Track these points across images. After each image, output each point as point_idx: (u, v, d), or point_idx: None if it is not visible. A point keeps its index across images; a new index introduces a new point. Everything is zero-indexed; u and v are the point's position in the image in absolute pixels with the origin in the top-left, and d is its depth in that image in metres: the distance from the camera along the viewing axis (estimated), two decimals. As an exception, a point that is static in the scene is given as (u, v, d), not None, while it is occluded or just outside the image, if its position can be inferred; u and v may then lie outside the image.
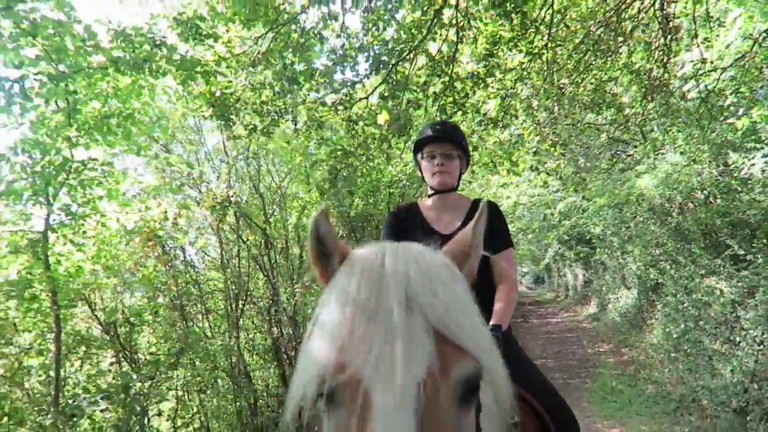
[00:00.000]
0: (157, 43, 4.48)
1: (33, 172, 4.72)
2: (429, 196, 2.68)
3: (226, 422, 6.29)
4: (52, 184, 4.93)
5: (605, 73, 8.24)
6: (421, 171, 2.71)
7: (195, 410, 6.20)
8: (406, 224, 2.56)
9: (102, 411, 4.92)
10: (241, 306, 6.70)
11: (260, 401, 6.78)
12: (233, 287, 6.81)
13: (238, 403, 6.10)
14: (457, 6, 5.05)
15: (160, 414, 5.94)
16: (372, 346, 0.95)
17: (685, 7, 7.36)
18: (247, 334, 6.76)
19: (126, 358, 5.94)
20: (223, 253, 6.93)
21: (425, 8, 5.15)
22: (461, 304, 1.08)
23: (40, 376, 5.16)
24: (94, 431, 4.89)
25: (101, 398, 4.90)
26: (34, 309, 5.04)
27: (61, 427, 4.41)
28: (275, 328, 7.04)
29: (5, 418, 4.42)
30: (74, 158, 5.03)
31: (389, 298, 1.01)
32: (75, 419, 4.60)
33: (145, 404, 5.30)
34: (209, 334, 6.49)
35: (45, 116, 4.70)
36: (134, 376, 5.20)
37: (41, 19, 3.90)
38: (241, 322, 6.79)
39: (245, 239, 6.89)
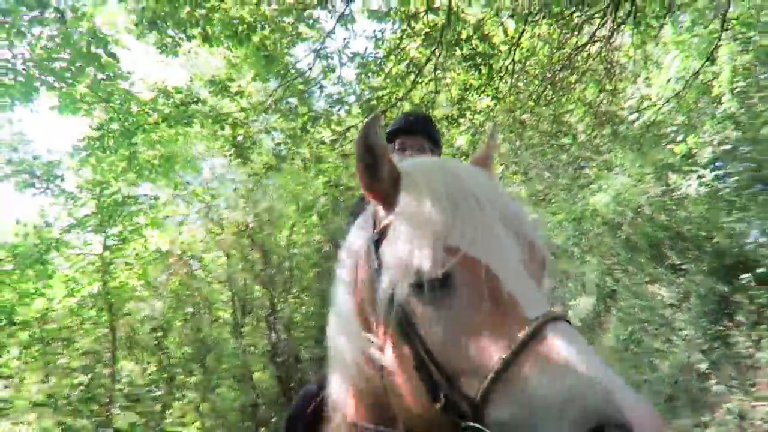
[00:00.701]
0: (195, 100, 5.33)
1: (100, 207, 5.57)
2: None
3: (231, 417, 6.98)
4: (114, 216, 5.79)
5: (562, 106, 9.34)
6: None
7: (205, 407, 6.92)
8: None
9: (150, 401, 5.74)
10: (245, 314, 7.45)
11: (259, 399, 7.54)
12: (237, 298, 7.57)
13: (241, 401, 6.82)
14: (435, 61, 6.03)
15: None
16: (482, 231, 1.05)
17: (627, 53, 8.54)
18: (251, 339, 7.52)
19: (163, 359, 6.67)
20: (229, 268, 7.67)
21: (408, 67, 6.16)
22: (525, 211, 1.21)
23: (102, 369, 6.09)
24: (142, 416, 5.69)
25: (149, 389, 5.73)
26: (93, 318, 5.91)
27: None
28: (273, 334, 7.78)
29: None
30: (131, 195, 5.94)
31: (476, 194, 1.11)
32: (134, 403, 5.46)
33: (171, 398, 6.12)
34: (217, 340, 7.25)
35: (112, 161, 5.59)
36: (171, 371, 6.06)
37: (114, 89, 4.76)
38: (243, 329, 7.54)
39: (250, 257, 7.64)
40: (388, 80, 6.32)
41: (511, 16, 6.47)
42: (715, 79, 9.09)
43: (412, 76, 6.12)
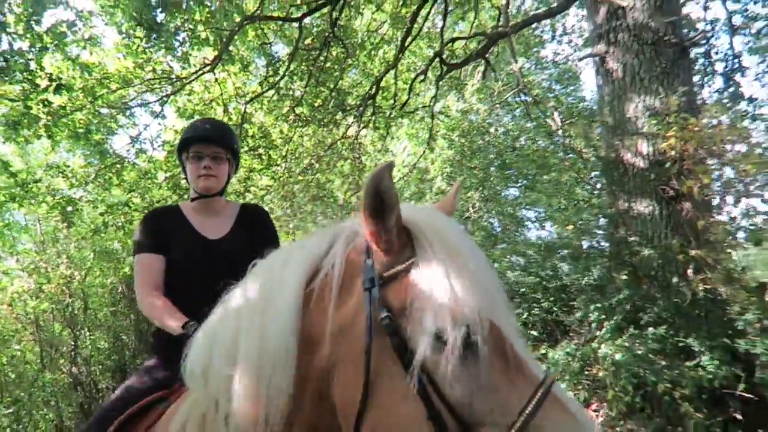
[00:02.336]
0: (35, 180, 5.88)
1: None
2: (193, 200, 2.41)
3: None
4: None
5: (326, 177, 11.70)
6: (185, 172, 2.46)
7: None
8: (168, 227, 2.32)
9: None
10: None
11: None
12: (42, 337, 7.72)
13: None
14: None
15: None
16: (500, 306, 1.15)
17: (372, 143, 11.36)
18: (53, 373, 7.67)
19: None
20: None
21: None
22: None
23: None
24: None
25: None
26: None
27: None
28: (74, 368, 8.03)
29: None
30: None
31: (480, 258, 1.21)
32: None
33: None
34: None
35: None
36: None
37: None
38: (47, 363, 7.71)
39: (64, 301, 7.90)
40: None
41: (285, 121, 8.50)
42: (432, 164, 12.51)
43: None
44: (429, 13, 8.66)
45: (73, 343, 7.72)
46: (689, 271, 4.81)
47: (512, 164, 12.15)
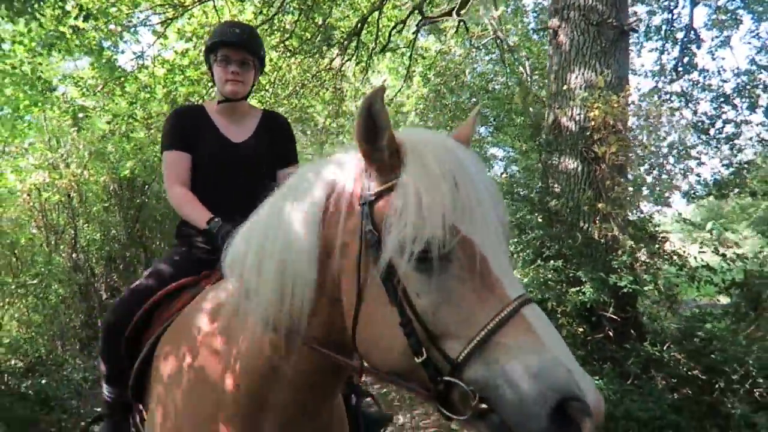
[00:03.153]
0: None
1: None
2: (219, 102, 2.48)
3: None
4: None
5: (308, 102, 12.49)
6: (212, 73, 2.54)
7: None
8: (194, 126, 2.41)
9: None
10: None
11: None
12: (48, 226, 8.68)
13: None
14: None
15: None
16: (479, 216, 1.16)
17: (354, 74, 12.09)
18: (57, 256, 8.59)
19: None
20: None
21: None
22: (494, 184, 1.32)
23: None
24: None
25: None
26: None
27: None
28: (74, 254, 9.02)
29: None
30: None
31: (472, 176, 1.21)
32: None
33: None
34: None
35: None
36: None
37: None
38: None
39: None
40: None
41: (275, 50, 9.18)
42: (408, 99, 13.34)
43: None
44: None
45: (73, 232, 8.73)
46: (597, 220, 6.06)
47: (485, 105, 13.04)
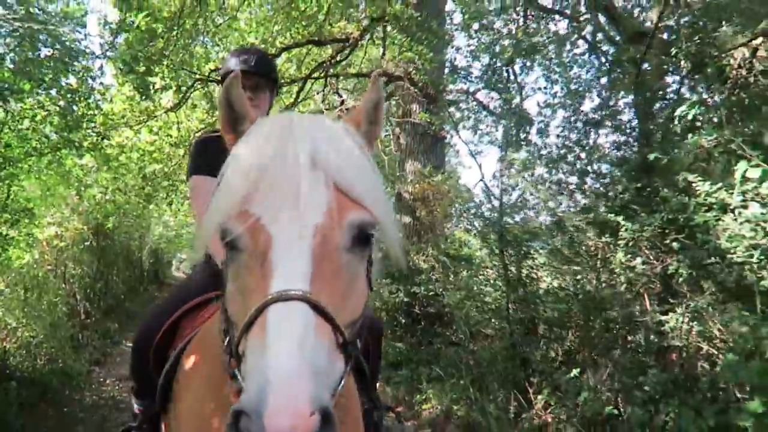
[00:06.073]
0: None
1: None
2: None
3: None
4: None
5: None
6: None
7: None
8: (216, 152, 2.04)
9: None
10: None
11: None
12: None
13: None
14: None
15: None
16: (276, 197, 1.06)
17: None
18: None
19: None
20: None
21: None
22: (360, 163, 1.18)
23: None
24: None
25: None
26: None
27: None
28: None
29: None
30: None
31: (295, 154, 1.09)
32: None
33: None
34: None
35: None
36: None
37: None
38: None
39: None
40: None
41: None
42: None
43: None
44: None
45: (63, 269, 11.41)
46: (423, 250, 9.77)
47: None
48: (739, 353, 3.50)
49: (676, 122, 4.10)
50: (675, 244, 4.14)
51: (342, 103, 10.29)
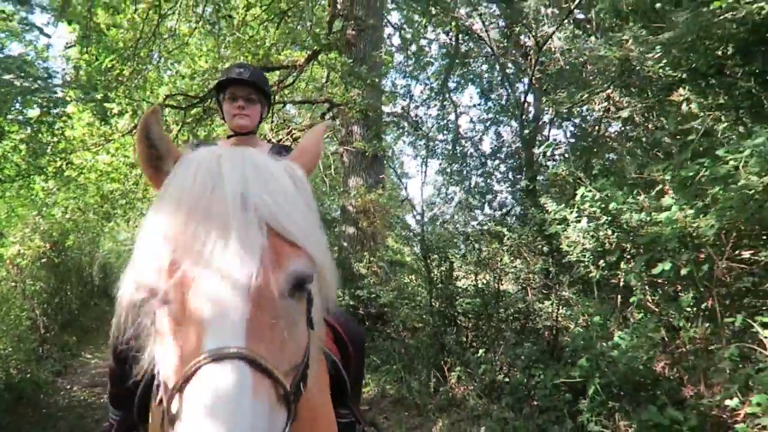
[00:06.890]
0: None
1: None
2: (228, 137, 2.70)
3: None
4: None
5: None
6: (222, 112, 2.73)
7: None
8: None
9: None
10: None
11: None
12: None
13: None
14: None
15: None
16: (204, 244, 0.97)
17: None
18: None
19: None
20: None
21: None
22: (295, 203, 1.11)
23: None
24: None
25: None
26: None
27: None
28: None
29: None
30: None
31: (224, 196, 1.02)
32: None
33: None
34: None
35: None
36: None
37: None
38: None
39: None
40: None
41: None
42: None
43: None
44: None
45: (23, 285, 11.94)
46: (366, 257, 10.94)
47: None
48: (584, 328, 4.85)
49: (541, 156, 5.47)
50: (546, 248, 5.50)
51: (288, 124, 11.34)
